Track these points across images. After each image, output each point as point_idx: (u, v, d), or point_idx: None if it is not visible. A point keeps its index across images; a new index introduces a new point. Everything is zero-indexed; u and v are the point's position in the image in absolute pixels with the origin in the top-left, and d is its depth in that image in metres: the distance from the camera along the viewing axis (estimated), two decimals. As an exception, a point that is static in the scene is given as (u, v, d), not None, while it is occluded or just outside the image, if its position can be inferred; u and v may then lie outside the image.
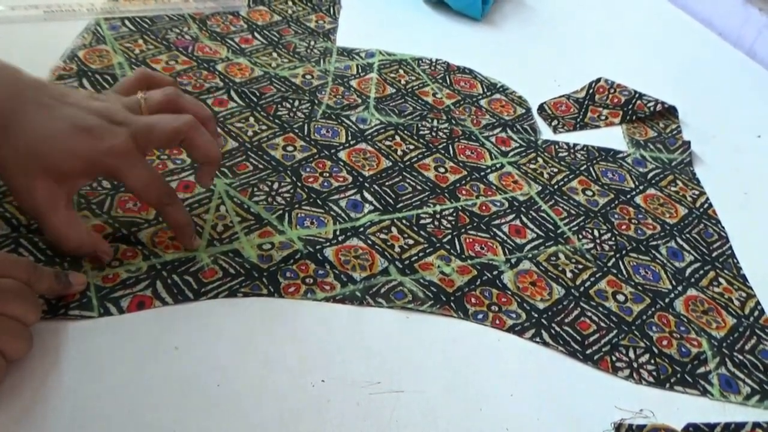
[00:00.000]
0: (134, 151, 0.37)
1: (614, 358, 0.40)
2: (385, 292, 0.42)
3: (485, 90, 0.63)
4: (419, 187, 0.50)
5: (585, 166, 0.56)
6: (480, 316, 0.41)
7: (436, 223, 0.47)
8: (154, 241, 0.42)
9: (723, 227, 0.52)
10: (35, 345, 0.34)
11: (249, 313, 0.39)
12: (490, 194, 0.51)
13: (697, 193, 0.55)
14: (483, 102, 0.61)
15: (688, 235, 0.51)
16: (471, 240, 0.46)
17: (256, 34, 0.65)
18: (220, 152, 0.40)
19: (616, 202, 0.53)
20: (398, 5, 0.75)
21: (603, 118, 0.62)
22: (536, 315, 0.42)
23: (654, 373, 0.40)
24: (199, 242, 0.42)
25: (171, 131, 0.37)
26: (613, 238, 0.49)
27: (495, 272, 0.44)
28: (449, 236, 0.46)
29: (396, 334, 0.39)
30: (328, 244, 0.44)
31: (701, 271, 0.48)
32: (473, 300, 0.42)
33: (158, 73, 0.43)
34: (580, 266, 0.46)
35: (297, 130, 0.53)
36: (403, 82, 0.62)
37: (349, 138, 0.54)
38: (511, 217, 0.49)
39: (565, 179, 0.54)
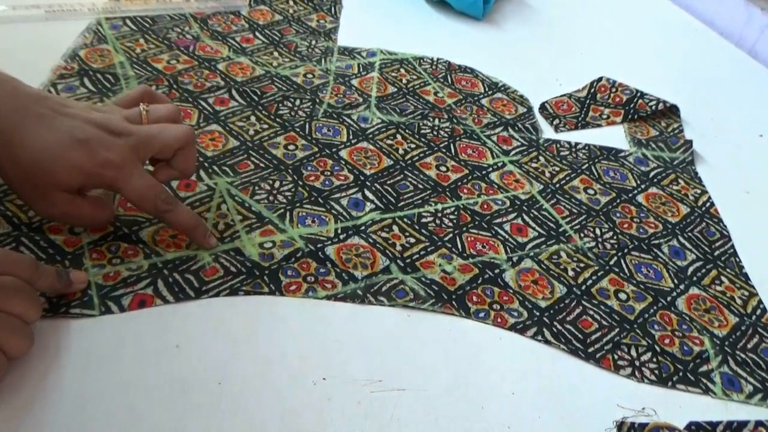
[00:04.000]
0: (130, 163, 0.37)
1: (616, 357, 0.40)
2: (387, 290, 0.41)
3: (486, 89, 0.63)
4: (421, 186, 0.50)
5: (587, 165, 0.56)
6: (481, 315, 0.41)
7: (438, 221, 0.47)
8: (156, 240, 0.42)
9: (725, 226, 0.52)
10: (36, 343, 0.34)
11: (250, 312, 0.39)
12: (491, 193, 0.51)
13: (698, 191, 0.55)
14: (484, 101, 0.61)
15: (690, 234, 0.50)
16: (472, 238, 0.46)
17: (257, 34, 0.65)
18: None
19: (618, 200, 0.53)
20: (399, 4, 0.75)
21: (605, 117, 0.62)
22: (538, 313, 0.42)
23: (656, 372, 0.40)
24: (215, 241, 0.42)
25: (173, 140, 0.39)
26: (615, 237, 0.49)
27: (496, 271, 0.44)
28: (451, 235, 0.46)
29: (397, 332, 0.39)
30: (329, 242, 0.44)
31: (703, 270, 0.48)
32: (475, 298, 0.42)
33: (159, 92, 0.45)
34: (582, 265, 0.46)
35: (298, 129, 0.53)
36: (404, 81, 0.62)
37: (351, 137, 0.54)
38: (512, 215, 0.49)
39: (567, 178, 0.54)
